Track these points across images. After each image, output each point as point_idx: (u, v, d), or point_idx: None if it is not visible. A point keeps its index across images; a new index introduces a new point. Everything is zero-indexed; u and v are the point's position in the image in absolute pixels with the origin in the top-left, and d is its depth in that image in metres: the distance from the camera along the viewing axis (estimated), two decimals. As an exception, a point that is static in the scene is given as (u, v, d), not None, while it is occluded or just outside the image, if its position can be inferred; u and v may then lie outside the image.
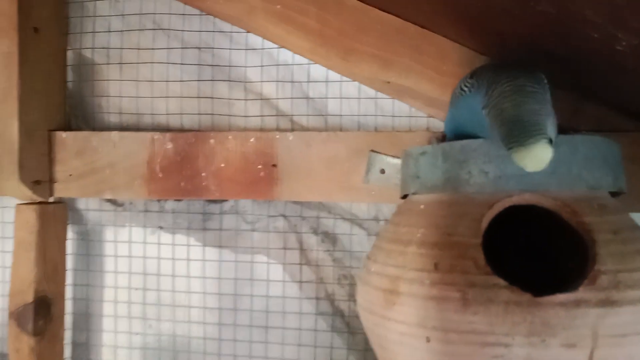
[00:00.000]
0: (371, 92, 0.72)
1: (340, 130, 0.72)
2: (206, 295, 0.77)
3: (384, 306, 0.48)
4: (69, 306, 0.80)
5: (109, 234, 0.80)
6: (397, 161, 0.67)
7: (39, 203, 0.73)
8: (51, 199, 0.76)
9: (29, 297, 0.71)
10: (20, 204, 0.73)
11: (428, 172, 0.51)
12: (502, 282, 0.42)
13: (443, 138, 0.60)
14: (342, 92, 0.73)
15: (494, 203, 0.46)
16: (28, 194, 0.72)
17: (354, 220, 0.74)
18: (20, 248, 0.72)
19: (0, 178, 0.71)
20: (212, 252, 0.77)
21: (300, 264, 0.75)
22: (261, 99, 0.75)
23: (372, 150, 0.69)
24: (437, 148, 0.50)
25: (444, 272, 0.44)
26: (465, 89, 0.51)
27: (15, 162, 0.70)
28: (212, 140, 0.72)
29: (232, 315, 0.76)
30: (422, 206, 0.51)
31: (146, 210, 0.78)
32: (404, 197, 0.56)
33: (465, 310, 0.42)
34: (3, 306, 0.83)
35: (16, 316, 0.72)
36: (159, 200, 0.78)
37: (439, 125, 0.70)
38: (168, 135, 0.73)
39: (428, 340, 0.44)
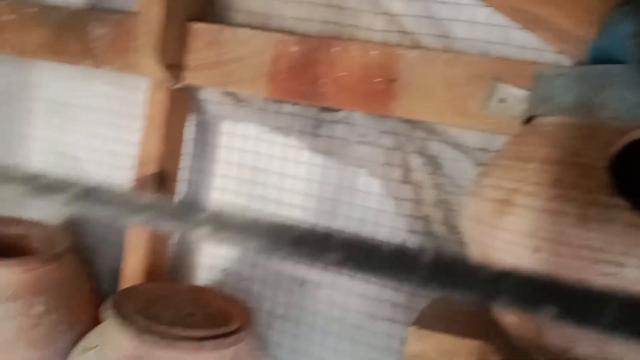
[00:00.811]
0: (502, 20, 0.71)
1: (464, 54, 0.72)
2: (308, 197, 0.81)
3: (495, 215, 0.49)
4: (182, 187, 0.87)
5: (225, 126, 0.85)
6: (520, 92, 0.67)
7: (170, 86, 0.79)
8: (179, 85, 0.81)
9: (152, 169, 0.79)
10: (154, 85, 0.79)
11: (561, 95, 0.50)
12: (624, 204, 0.42)
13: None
14: (473, 16, 0.72)
15: (628, 131, 0.46)
16: (161, 76, 0.77)
17: (462, 148, 0.74)
18: (150, 125, 0.79)
19: (139, 58, 0.77)
20: (319, 158, 0.81)
21: (401, 182, 0.77)
22: (389, 14, 0.75)
23: (495, 78, 0.68)
24: (574, 70, 0.50)
25: (565, 189, 0.45)
26: (617, 14, 0.49)
27: (154, 45, 0.75)
28: (335, 48, 0.74)
29: (329, 218, 0.81)
30: (549, 128, 0.51)
31: (263, 109, 0.82)
32: (528, 120, 0.56)
33: (583, 226, 0.43)
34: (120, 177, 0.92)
35: (139, 183, 0.80)
36: (276, 102, 0.82)
37: (566, 63, 0.68)
38: (294, 38, 0.76)
39: (537, 250, 0.45)
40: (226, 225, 0.20)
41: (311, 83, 0.75)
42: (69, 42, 0.86)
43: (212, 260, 0.89)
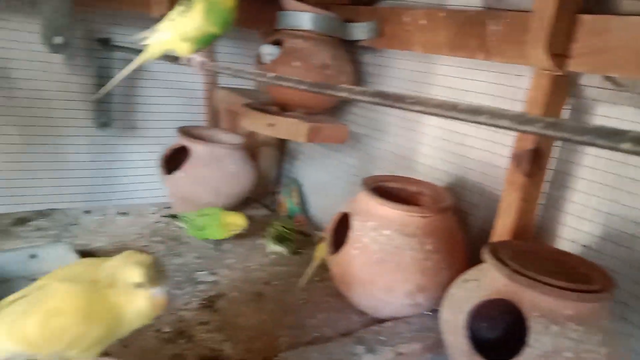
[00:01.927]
0: None
1: None
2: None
3: None
4: (552, 163, 0.97)
5: (601, 109, 0.91)
6: None
7: (553, 73, 0.89)
8: (562, 72, 0.91)
9: (529, 145, 0.91)
10: (538, 72, 0.91)
11: None
12: None
13: None
14: None
15: None
16: (547, 64, 0.88)
17: None
18: (530, 107, 0.92)
19: (529, 49, 0.90)
20: None
21: None
22: None
23: None
24: None
25: None
26: None
27: (544, 37, 0.87)
28: None
29: None
30: None
31: (644, 93, 0.85)
32: None
33: None
34: (500, 152, 1.08)
35: (516, 158, 0.93)
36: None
37: None
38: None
39: None
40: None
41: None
42: (468, 39, 1.05)
43: (574, 234, 0.97)
